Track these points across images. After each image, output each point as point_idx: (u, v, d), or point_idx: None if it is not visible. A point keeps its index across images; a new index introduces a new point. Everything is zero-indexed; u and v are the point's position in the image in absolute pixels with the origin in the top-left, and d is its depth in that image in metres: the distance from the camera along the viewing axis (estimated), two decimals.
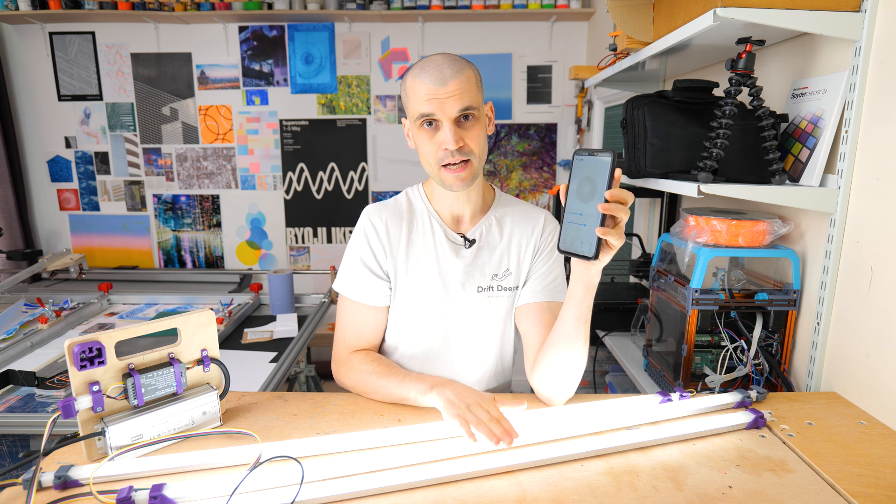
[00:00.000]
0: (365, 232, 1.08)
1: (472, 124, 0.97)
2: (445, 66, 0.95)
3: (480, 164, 1.01)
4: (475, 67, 1.01)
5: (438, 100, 0.94)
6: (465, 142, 0.97)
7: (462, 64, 0.97)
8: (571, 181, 0.79)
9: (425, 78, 0.94)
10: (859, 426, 0.92)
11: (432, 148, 0.98)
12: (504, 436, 0.78)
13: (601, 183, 0.76)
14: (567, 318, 0.89)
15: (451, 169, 0.98)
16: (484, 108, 1.02)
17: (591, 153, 0.78)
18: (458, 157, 0.96)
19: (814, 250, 1.14)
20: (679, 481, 0.75)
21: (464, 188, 1.01)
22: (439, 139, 0.96)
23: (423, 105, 0.95)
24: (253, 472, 0.71)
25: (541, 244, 1.10)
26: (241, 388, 1.13)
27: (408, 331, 1.10)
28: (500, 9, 2.93)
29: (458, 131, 0.95)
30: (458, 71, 0.95)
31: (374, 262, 1.07)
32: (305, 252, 3.39)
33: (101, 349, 0.78)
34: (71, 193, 3.33)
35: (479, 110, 0.98)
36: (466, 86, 0.95)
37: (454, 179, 0.98)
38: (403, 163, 3.26)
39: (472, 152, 0.98)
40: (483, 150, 1.00)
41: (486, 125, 1.03)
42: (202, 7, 2.95)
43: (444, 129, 0.95)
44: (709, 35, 1.11)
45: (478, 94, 0.98)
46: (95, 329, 1.93)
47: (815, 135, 1.10)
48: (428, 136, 0.98)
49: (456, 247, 1.08)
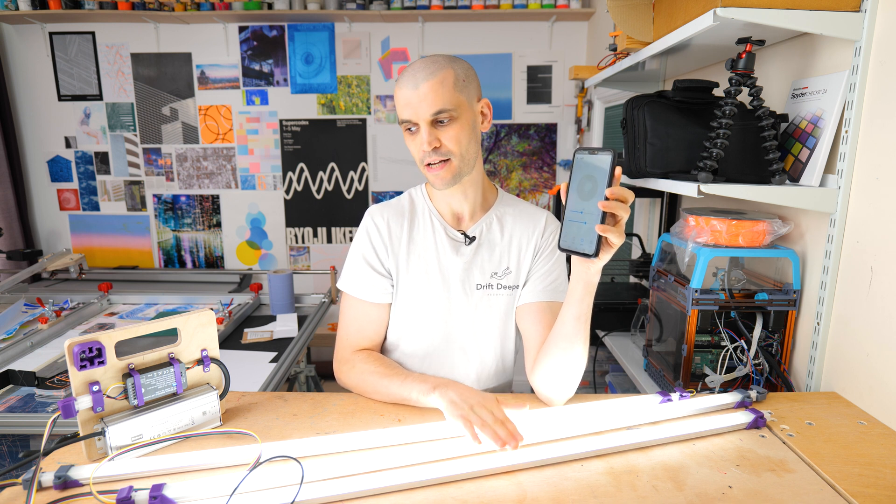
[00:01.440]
0: (367, 230, 1.10)
1: (448, 125, 0.98)
2: (420, 70, 0.97)
3: (464, 163, 1.01)
4: (462, 66, 1.00)
5: (412, 105, 0.97)
6: (443, 142, 0.98)
7: (440, 65, 0.97)
8: (572, 180, 0.80)
9: (402, 84, 0.98)
10: (859, 426, 0.92)
11: (415, 149, 1.01)
12: (509, 439, 0.78)
13: (601, 181, 0.76)
14: (567, 317, 0.89)
15: (432, 168, 1.01)
16: (473, 106, 1.01)
17: (591, 152, 0.78)
18: (436, 158, 0.99)
19: (814, 250, 1.14)
20: (679, 481, 0.75)
21: (445, 186, 1.02)
22: (419, 141, 0.99)
23: (402, 111, 0.99)
24: (253, 472, 0.71)
25: (542, 244, 1.10)
26: (241, 388, 1.13)
27: (408, 328, 1.10)
28: (500, 9, 2.93)
29: (433, 132, 0.98)
30: (432, 74, 0.96)
31: (377, 260, 1.08)
32: (305, 252, 3.39)
33: (101, 349, 0.78)
34: (71, 193, 3.33)
35: (456, 110, 0.97)
36: (440, 87, 0.95)
37: (434, 178, 1.02)
38: (403, 163, 3.26)
39: (451, 152, 0.99)
40: (466, 148, 1.00)
41: (475, 123, 1.02)
42: (202, 7, 2.95)
43: (421, 131, 0.98)
44: (709, 35, 1.11)
45: (454, 94, 0.97)
46: (95, 329, 1.93)
47: (815, 135, 1.10)
48: (411, 139, 1.02)
49: (456, 244, 1.09)
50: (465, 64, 1.01)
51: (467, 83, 1.00)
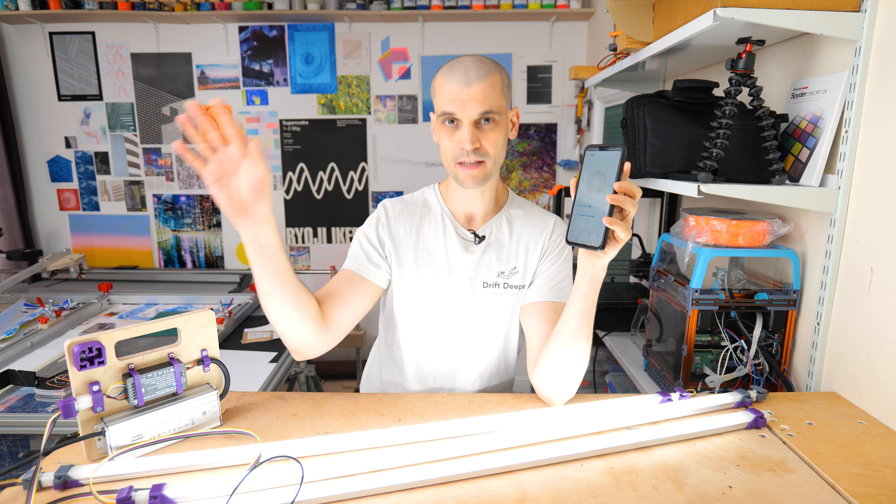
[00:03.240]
0: (378, 217, 1.12)
1: (490, 127, 0.99)
2: (472, 68, 0.97)
3: (495, 166, 1.03)
4: (505, 73, 1.03)
5: (460, 100, 0.97)
6: (482, 144, 0.99)
7: (490, 68, 0.99)
8: (582, 175, 0.82)
9: (452, 77, 0.98)
10: (859, 426, 0.92)
11: (450, 144, 1.01)
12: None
13: (610, 175, 0.78)
14: (571, 314, 0.90)
15: (465, 166, 1.01)
16: (509, 112, 1.04)
17: (601, 148, 0.80)
18: (472, 158, 0.99)
19: (814, 250, 1.14)
20: (679, 481, 0.75)
21: (475, 186, 1.03)
22: (458, 137, 0.99)
23: (447, 104, 0.98)
24: (253, 472, 0.71)
25: (549, 245, 1.11)
26: (241, 388, 1.14)
27: (414, 323, 1.11)
28: (500, 9, 2.93)
29: (476, 132, 0.98)
30: (484, 75, 0.97)
31: (377, 241, 1.10)
32: (305, 252, 3.39)
33: (101, 349, 0.78)
34: (71, 193, 3.33)
35: (500, 115, 0.99)
36: (490, 90, 0.97)
37: (466, 176, 1.01)
38: (403, 163, 3.26)
39: (488, 154, 1.00)
40: (500, 153, 1.03)
41: (508, 129, 1.05)
42: (202, 7, 2.95)
43: (463, 129, 0.98)
44: (709, 35, 1.11)
45: (501, 100, 1.00)
46: (95, 329, 1.93)
47: (815, 135, 1.10)
48: (448, 133, 1.01)
49: (465, 243, 1.10)
50: (505, 71, 1.04)
51: (508, 90, 1.03)
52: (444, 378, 1.13)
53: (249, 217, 0.81)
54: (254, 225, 0.82)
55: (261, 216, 0.82)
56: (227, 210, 0.80)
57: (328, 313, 0.98)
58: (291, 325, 0.93)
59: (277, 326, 0.94)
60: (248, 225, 0.82)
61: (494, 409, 0.97)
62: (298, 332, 0.94)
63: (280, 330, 0.94)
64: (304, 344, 0.96)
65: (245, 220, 0.81)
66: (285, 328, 0.94)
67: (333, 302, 1.00)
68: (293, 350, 0.98)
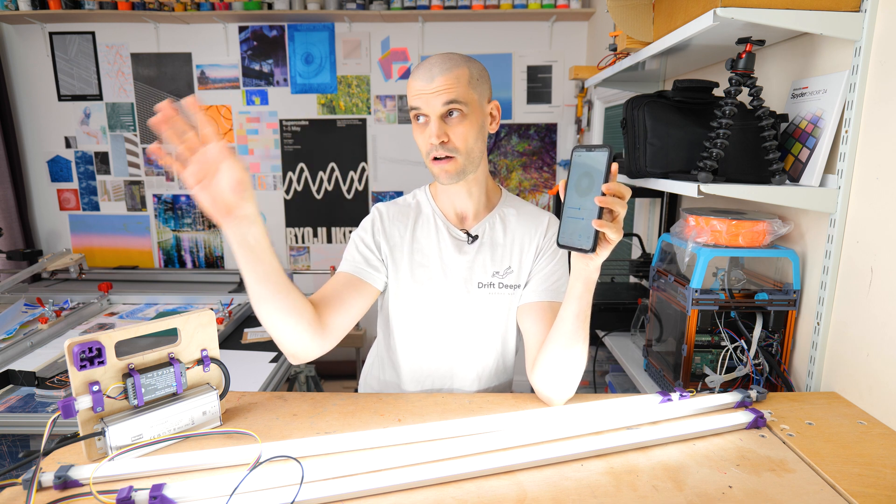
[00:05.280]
0: (372, 220, 1.12)
1: (458, 120, 0.98)
2: (436, 64, 0.98)
3: (469, 161, 1.02)
4: (477, 66, 1.02)
5: (425, 95, 0.97)
6: (451, 137, 0.99)
7: (456, 62, 0.98)
8: (570, 177, 0.81)
9: (417, 75, 0.99)
10: (859, 426, 0.92)
11: (422, 141, 1.01)
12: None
13: (598, 177, 0.77)
14: (567, 315, 0.90)
15: (437, 162, 1.01)
16: (483, 106, 1.03)
17: (588, 149, 0.79)
18: (442, 152, 0.99)
19: (814, 250, 1.14)
20: (679, 481, 0.75)
21: (449, 181, 1.03)
22: (427, 133, 0.99)
23: (413, 100, 0.99)
24: (253, 472, 0.71)
25: (543, 244, 1.10)
26: (241, 388, 1.14)
27: (410, 325, 1.11)
28: (500, 9, 2.93)
29: (442, 126, 0.98)
30: (448, 69, 0.97)
31: (372, 243, 1.09)
32: (305, 252, 3.39)
33: (101, 349, 0.78)
34: (71, 193, 3.33)
35: (467, 106, 0.98)
36: (454, 82, 0.96)
37: (440, 171, 1.01)
38: (403, 163, 3.26)
39: (457, 149, 1.00)
40: (471, 147, 1.01)
41: (484, 123, 1.04)
42: (202, 7, 2.95)
43: (431, 124, 0.98)
44: (709, 35, 1.11)
45: (469, 92, 0.98)
46: (95, 329, 1.93)
47: (815, 135, 1.10)
48: (420, 130, 1.02)
49: (459, 243, 1.10)
50: (479, 65, 1.03)
51: (480, 82, 1.02)
52: (442, 380, 1.13)
53: (235, 218, 0.80)
54: (240, 225, 0.80)
55: (247, 216, 0.80)
56: (212, 212, 0.78)
57: (325, 317, 0.97)
58: (286, 329, 0.91)
59: (272, 331, 0.92)
60: (234, 226, 0.80)
61: (494, 409, 0.97)
62: (293, 337, 0.92)
63: (275, 335, 0.92)
64: (299, 348, 0.94)
65: (231, 221, 0.80)
66: (280, 333, 0.92)
67: (331, 305, 0.99)
68: (289, 354, 0.96)
